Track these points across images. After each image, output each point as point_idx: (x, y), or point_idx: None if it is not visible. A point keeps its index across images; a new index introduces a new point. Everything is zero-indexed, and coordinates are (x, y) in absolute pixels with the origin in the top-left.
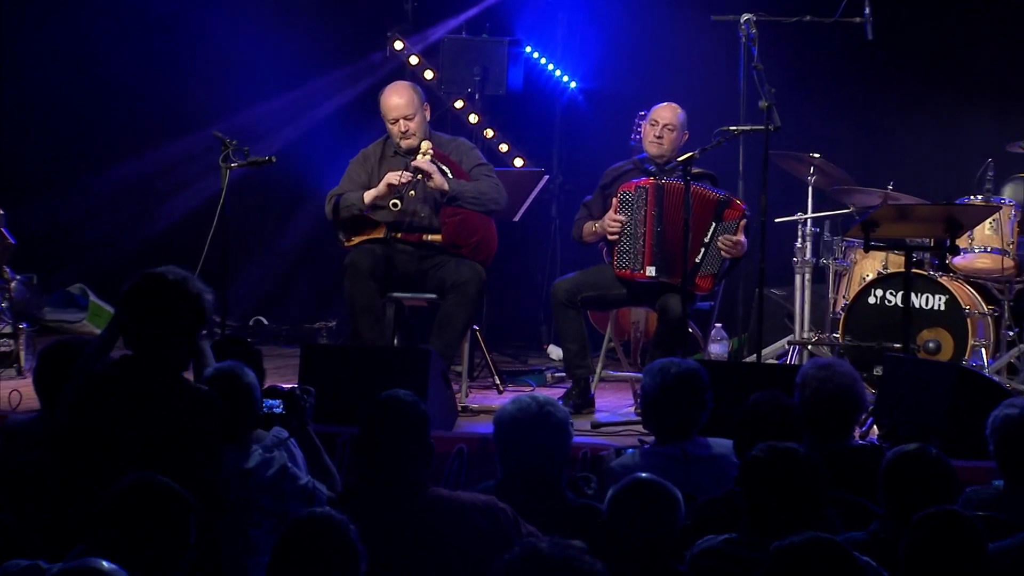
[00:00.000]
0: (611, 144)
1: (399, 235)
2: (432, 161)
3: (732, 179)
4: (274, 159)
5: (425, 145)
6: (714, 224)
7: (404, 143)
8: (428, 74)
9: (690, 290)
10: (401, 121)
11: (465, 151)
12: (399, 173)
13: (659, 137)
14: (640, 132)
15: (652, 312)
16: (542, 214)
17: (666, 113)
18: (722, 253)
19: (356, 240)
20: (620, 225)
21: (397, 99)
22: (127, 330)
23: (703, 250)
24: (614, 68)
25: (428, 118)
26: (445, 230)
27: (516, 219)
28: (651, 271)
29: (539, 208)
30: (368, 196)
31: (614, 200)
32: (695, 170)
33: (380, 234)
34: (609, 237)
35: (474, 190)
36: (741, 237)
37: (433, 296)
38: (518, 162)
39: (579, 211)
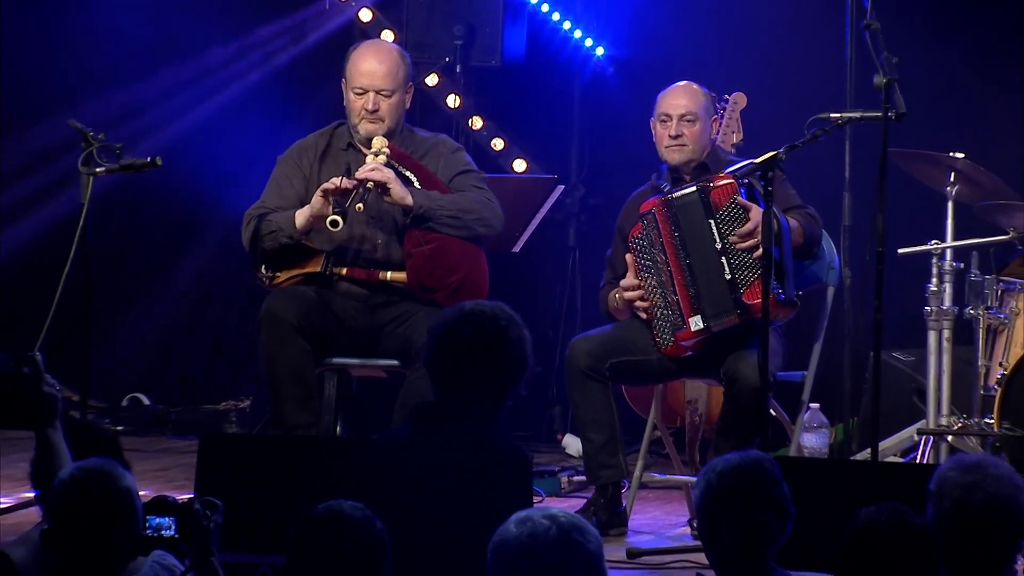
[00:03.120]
0: (652, 138)
1: (343, 271)
2: (389, 164)
3: (834, 190)
4: (160, 161)
5: (378, 142)
6: (711, 222)
7: (366, 127)
8: (387, 36)
9: (743, 318)
10: (372, 96)
11: (444, 153)
12: (339, 178)
13: (676, 137)
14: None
15: (715, 386)
16: (555, 241)
17: (678, 99)
18: (748, 253)
19: (285, 277)
20: (640, 292)
21: (376, 64)
22: (435, 372)
23: (724, 261)
24: (658, 29)
25: (408, 106)
26: (411, 265)
27: (516, 249)
28: (697, 323)
29: (550, 233)
30: (301, 217)
31: (629, 256)
32: (739, 163)
33: (316, 267)
34: (638, 313)
35: (453, 206)
36: (756, 216)
37: (394, 363)
38: (519, 166)
39: (605, 272)
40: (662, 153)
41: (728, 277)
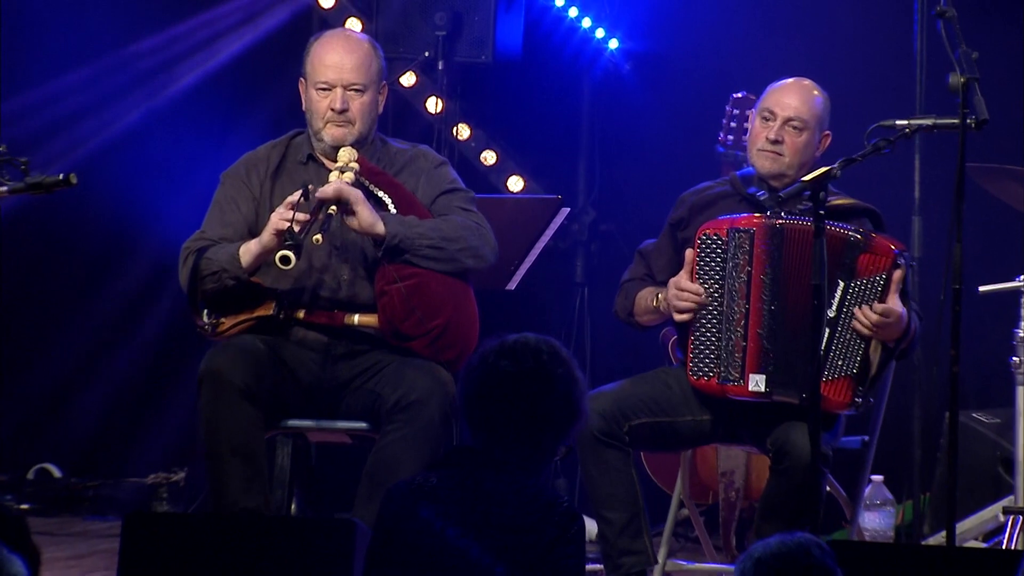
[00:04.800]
0: (679, 150)
1: (301, 314)
2: (358, 183)
3: (901, 214)
4: (74, 179)
5: (345, 155)
6: (841, 284)
7: (332, 132)
8: (353, 25)
9: (804, 404)
10: (340, 92)
11: (426, 168)
12: (291, 203)
13: (776, 142)
14: (732, 130)
15: (758, 455)
16: (559, 276)
17: (789, 98)
18: (860, 336)
19: (230, 323)
20: (697, 300)
21: (343, 54)
22: (469, 413)
23: (826, 332)
24: (683, 17)
25: (381, 109)
26: (384, 306)
27: (511, 286)
28: (757, 383)
29: (553, 266)
30: (248, 255)
31: (689, 252)
32: (836, 200)
33: (268, 311)
34: (676, 318)
35: (435, 233)
36: (894, 304)
37: (360, 425)
38: (515, 184)
39: (632, 265)
40: (752, 155)
41: (820, 352)
